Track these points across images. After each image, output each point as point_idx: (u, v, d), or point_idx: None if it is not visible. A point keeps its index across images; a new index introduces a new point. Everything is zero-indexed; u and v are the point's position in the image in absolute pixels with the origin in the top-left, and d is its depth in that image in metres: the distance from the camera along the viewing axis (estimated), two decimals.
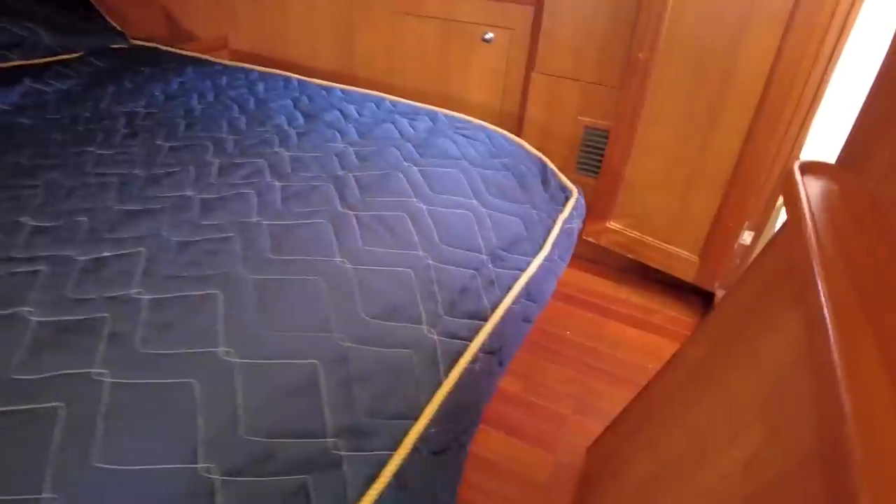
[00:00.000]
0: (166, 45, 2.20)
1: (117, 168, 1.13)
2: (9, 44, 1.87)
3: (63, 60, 1.88)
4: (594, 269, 1.89)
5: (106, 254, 0.87)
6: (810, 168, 0.82)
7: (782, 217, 0.91)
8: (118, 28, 2.16)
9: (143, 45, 2.09)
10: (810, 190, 0.78)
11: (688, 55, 1.42)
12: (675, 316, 1.71)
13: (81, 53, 1.95)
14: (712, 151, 1.49)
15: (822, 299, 0.49)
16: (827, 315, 0.47)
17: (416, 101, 1.85)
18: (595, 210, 1.74)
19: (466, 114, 1.91)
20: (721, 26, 1.35)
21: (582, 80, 1.72)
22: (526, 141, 1.79)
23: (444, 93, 2.04)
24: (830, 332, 0.44)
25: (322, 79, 2.18)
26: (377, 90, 2.08)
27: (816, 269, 0.54)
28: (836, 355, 0.41)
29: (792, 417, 0.53)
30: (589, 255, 1.90)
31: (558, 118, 1.80)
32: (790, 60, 1.28)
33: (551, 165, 1.36)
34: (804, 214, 0.67)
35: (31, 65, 1.85)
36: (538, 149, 1.70)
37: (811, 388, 0.48)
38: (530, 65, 1.77)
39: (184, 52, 2.03)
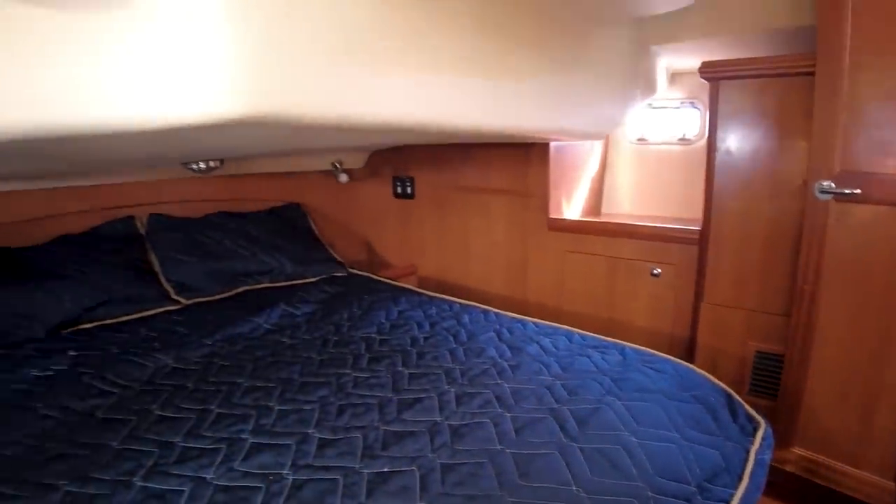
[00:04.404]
0: (367, 269, 2.71)
1: (373, 391, 1.43)
2: (262, 271, 2.46)
3: (300, 285, 2.40)
4: (777, 491, 1.83)
5: (385, 469, 1.10)
6: None
7: None
8: (338, 258, 2.71)
9: (358, 274, 2.60)
10: None
11: (849, 280, 1.57)
12: None
13: (314, 279, 2.47)
14: (891, 371, 1.53)
15: None
16: None
17: (584, 324, 2.08)
18: (777, 434, 1.76)
19: (634, 337, 2.10)
20: (879, 252, 1.49)
21: (746, 308, 1.87)
22: (698, 364, 1.92)
23: (611, 318, 2.26)
24: None
25: (496, 302, 2.52)
26: (547, 314, 2.37)
27: None
28: None
29: None
30: (770, 477, 1.86)
31: (727, 343, 1.93)
32: None
33: (737, 397, 1.47)
34: None
35: (275, 287, 2.38)
36: (710, 372, 1.82)
37: None
38: (698, 294, 1.97)
39: (392, 282, 2.50)
